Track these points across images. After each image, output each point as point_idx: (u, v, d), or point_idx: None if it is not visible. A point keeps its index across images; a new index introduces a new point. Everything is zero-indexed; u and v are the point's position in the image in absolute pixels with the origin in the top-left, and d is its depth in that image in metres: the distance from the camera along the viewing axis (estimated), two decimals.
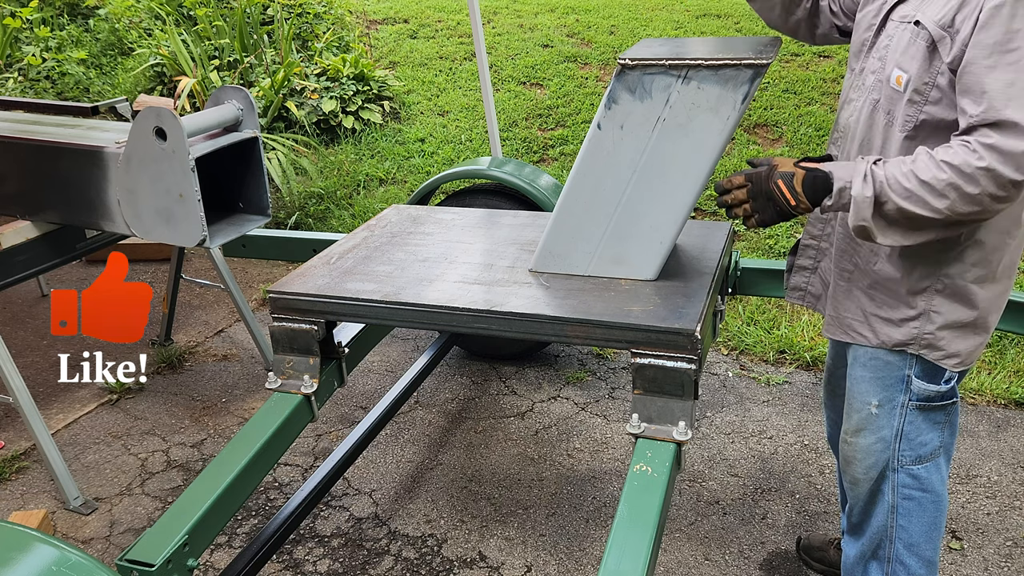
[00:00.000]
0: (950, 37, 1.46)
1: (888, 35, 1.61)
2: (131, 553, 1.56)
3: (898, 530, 1.87)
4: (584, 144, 1.89)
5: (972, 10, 1.43)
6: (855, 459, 1.87)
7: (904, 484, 1.83)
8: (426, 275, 2.06)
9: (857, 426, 1.83)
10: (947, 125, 1.51)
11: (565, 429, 3.08)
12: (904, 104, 1.55)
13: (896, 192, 1.46)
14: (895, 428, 1.78)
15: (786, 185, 1.60)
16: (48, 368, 3.60)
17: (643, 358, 1.74)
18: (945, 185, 1.42)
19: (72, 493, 2.73)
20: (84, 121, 3.02)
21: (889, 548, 1.90)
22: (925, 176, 1.44)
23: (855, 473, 1.89)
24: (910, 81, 1.52)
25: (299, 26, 6.36)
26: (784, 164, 1.64)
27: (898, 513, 1.86)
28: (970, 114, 1.41)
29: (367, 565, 2.48)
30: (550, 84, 5.92)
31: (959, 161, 1.41)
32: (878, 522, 1.89)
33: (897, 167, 1.48)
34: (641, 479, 1.64)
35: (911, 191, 1.45)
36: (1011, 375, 3.22)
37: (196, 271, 4.47)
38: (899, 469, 1.82)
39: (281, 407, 1.97)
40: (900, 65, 1.54)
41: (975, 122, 1.40)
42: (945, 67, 1.47)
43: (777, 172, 1.62)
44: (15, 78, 6.18)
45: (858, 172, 1.51)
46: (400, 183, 5.14)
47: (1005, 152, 1.37)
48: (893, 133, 1.59)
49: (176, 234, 2.50)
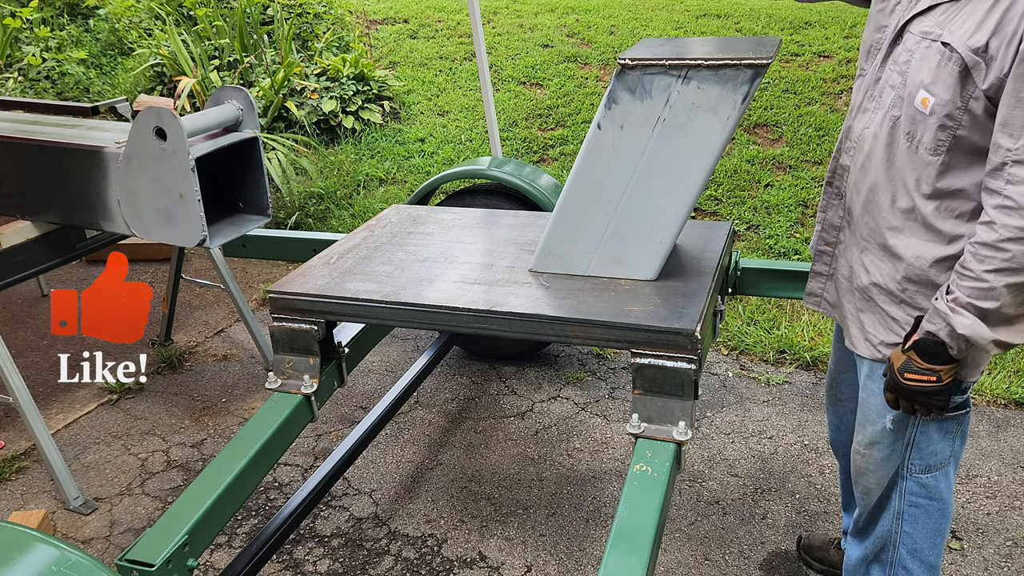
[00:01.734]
0: (984, 63, 1.41)
1: (908, 49, 1.56)
2: (131, 553, 1.56)
3: (903, 536, 1.87)
4: (584, 144, 1.89)
5: (1010, 36, 1.38)
6: (869, 471, 1.86)
7: (912, 492, 1.82)
8: (426, 275, 2.06)
9: (872, 439, 1.81)
10: (979, 150, 1.47)
11: (565, 429, 3.08)
12: (934, 128, 1.50)
13: (984, 293, 1.43)
14: (907, 439, 1.77)
15: (916, 374, 1.53)
16: (48, 368, 3.60)
17: (643, 358, 1.74)
18: (1006, 245, 1.40)
19: (72, 493, 2.73)
20: (84, 121, 3.02)
21: (892, 552, 1.90)
22: (988, 258, 1.42)
23: (868, 484, 1.88)
24: (939, 105, 1.48)
25: (299, 26, 6.36)
26: (896, 357, 1.59)
27: (904, 520, 1.85)
28: (1006, 148, 1.39)
29: (367, 565, 2.48)
30: (550, 84, 5.92)
31: (1001, 225, 1.39)
32: (884, 527, 1.89)
33: (965, 281, 1.45)
34: (641, 479, 1.64)
35: (993, 280, 1.42)
36: (1011, 375, 3.22)
37: (196, 271, 4.47)
38: (908, 477, 1.81)
39: (281, 407, 1.97)
40: (926, 86, 1.49)
41: (1009, 158, 1.38)
42: (980, 92, 1.43)
43: (897, 370, 1.57)
44: (15, 78, 6.18)
45: (943, 310, 1.48)
46: (400, 183, 5.14)
47: None
48: (920, 156, 1.54)
49: (176, 234, 2.50)
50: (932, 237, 1.58)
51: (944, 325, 1.48)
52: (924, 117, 1.51)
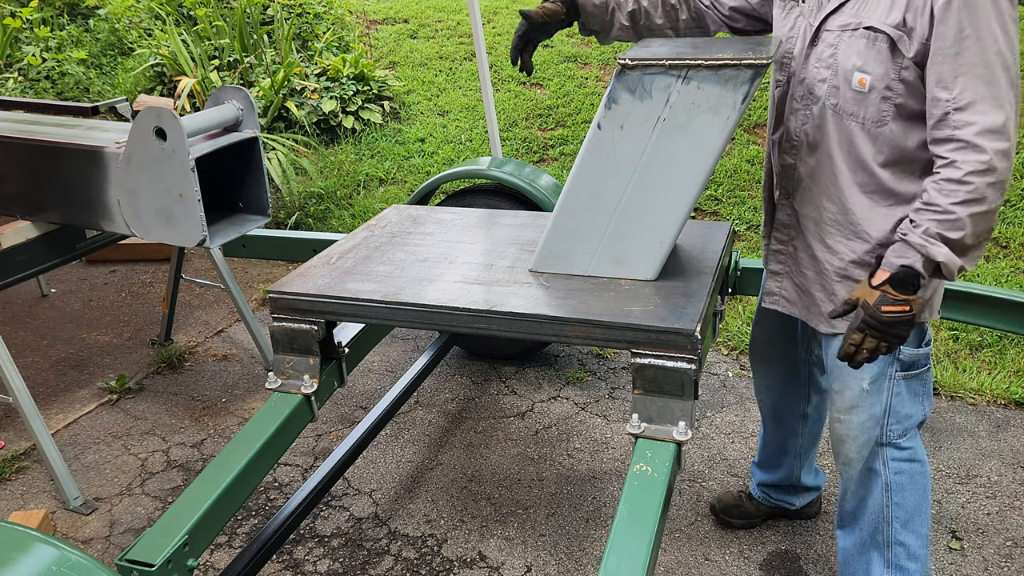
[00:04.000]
0: (907, 35, 1.60)
1: (830, 44, 1.72)
2: (131, 553, 1.56)
3: (894, 508, 1.95)
4: (584, 144, 1.89)
5: (921, 7, 1.57)
6: (849, 437, 1.95)
7: (895, 458, 1.93)
8: (426, 275, 2.06)
9: (850, 404, 1.91)
10: (917, 113, 1.64)
11: (565, 429, 3.08)
12: (877, 102, 1.67)
13: (951, 224, 1.57)
14: (884, 404, 1.88)
15: (892, 305, 1.62)
16: (48, 368, 3.60)
17: (643, 358, 1.74)
18: (970, 178, 1.54)
19: (72, 493, 2.73)
20: (84, 121, 3.02)
21: (887, 531, 1.97)
22: (953, 191, 1.56)
23: (849, 453, 1.96)
24: (876, 81, 1.65)
25: (299, 26, 6.36)
26: (867, 294, 1.66)
27: (892, 491, 1.94)
28: (945, 99, 1.56)
29: (367, 565, 2.48)
30: (550, 84, 5.92)
31: (962, 161, 1.55)
32: (875, 503, 1.96)
33: (932, 215, 1.58)
34: (641, 479, 1.64)
35: (959, 211, 1.55)
36: (1011, 375, 3.22)
37: (196, 271, 4.47)
38: (888, 444, 1.91)
39: (281, 407, 1.97)
40: (859, 68, 1.66)
41: (950, 107, 1.55)
42: (909, 62, 1.61)
43: (873, 305, 1.64)
44: (15, 78, 6.18)
45: (918, 242, 1.60)
46: (400, 183, 5.14)
47: (985, 129, 1.53)
48: (868, 131, 1.70)
49: (176, 234, 2.50)
50: (894, 201, 1.73)
51: (919, 257, 1.60)
52: (864, 95, 1.68)
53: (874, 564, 2.00)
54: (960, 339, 3.45)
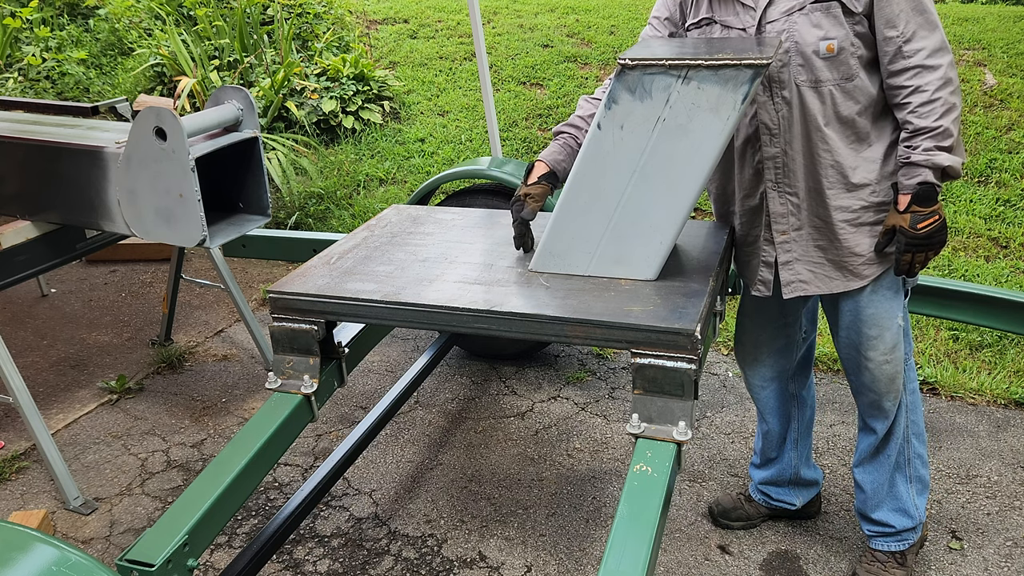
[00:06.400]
0: None
1: (778, 31, 1.87)
2: (131, 553, 1.56)
3: (911, 425, 2.19)
4: (584, 144, 1.89)
5: None
6: (897, 373, 2.09)
7: (910, 379, 2.15)
8: (426, 275, 2.06)
9: (893, 342, 2.05)
10: (873, 60, 1.87)
11: (565, 429, 3.08)
12: (847, 59, 1.84)
13: (940, 136, 1.81)
14: (904, 329, 2.08)
15: (924, 220, 1.85)
16: (48, 368, 3.60)
17: (643, 358, 1.74)
18: (937, 94, 1.80)
19: (72, 493, 2.73)
20: (84, 121, 3.02)
21: (907, 449, 2.20)
22: (931, 111, 1.80)
23: (898, 385, 2.10)
24: (842, 42, 1.83)
25: (299, 26, 6.36)
26: (899, 220, 1.88)
27: (909, 410, 2.17)
28: (894, 36, 1.80)
29: (367, 565, 2.48)
30: (550, 84, 5.92)
31: (925, 83, 1.79)
32: (900, 427, 2.17)
33: (920, 138, 1.82)
34: (641, 479, 1.64)
35: (942, 122, 1.80)
36: (1011, 375, 3.22)
37: (196, 271, 4.47)
38: (907, 368, 2.13)
39: (281, 407, 1.97)
40: (823, 37, 1.83)
41: (900, 41, 1.80)
42: (860, 16, 1.82)
43: (909, 228, 1.86)
44: (15, 78, 6.19)
45: (922, 159, 1.82)
46: (400, 183, 5.14)
47: (933, 50, 1.78)
48: (844, 88, 1.87)
49: (176, 234, 2.50)
50: (869, 142, 1.91)
51: (928, 170, 1.82)
52: (834, 58, 1.84)
53: (898, 483, 2.21)
54: (960, 339, 3.45)
